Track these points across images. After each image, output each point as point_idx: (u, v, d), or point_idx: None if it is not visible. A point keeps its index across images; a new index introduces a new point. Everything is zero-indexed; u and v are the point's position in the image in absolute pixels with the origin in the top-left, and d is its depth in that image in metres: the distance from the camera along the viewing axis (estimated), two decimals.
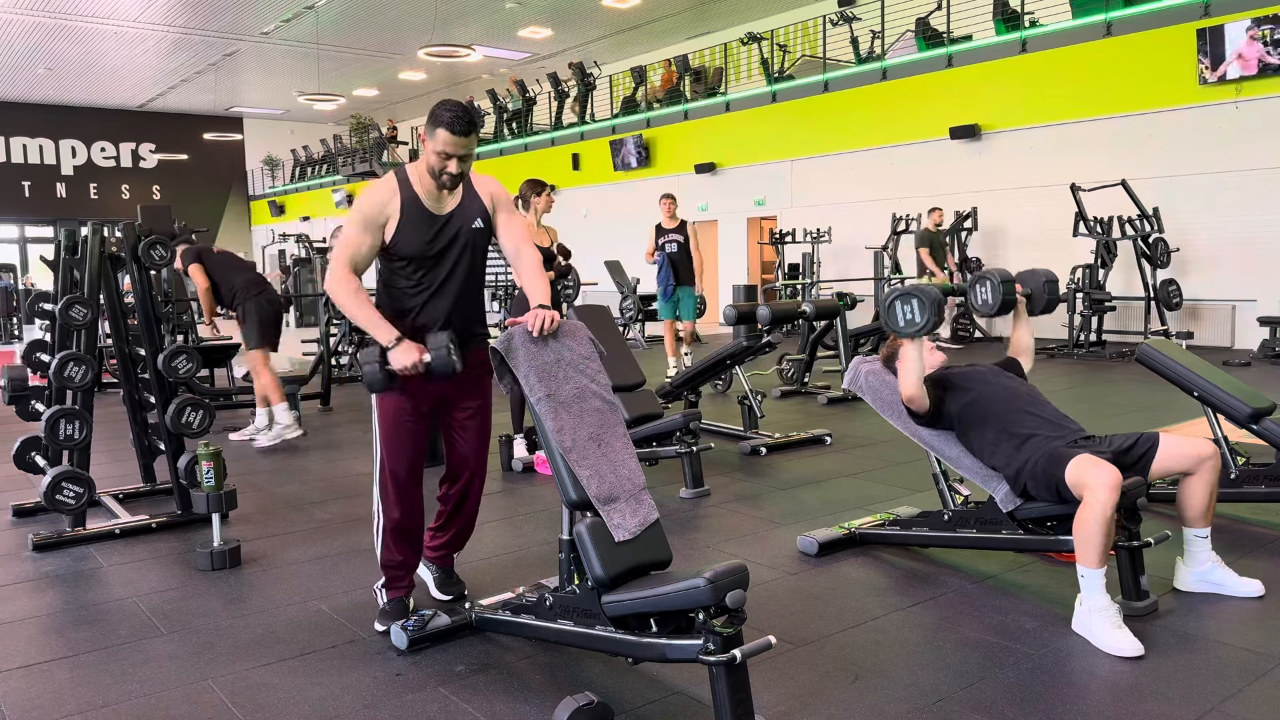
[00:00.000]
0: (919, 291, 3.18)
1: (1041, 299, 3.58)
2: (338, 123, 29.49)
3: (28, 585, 3.58)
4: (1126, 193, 10.17)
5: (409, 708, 2.50)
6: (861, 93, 14.06)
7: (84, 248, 4.54)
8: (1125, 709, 2.40)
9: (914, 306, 3.18)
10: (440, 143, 2.75)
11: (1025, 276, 3.61)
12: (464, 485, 3.11)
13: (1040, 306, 3.59)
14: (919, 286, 3.21)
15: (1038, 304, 3.59)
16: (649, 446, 4.83)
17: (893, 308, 3.23)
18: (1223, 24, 10.11)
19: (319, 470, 5.57)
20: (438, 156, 2.77)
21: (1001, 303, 3.44)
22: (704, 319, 14.72)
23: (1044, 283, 3.58)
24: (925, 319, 3.16)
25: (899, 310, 3.22)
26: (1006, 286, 3.44)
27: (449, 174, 2.80)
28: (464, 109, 2.78)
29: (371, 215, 2.83)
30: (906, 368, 3.28)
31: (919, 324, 3.18)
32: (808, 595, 3.24)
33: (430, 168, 2.81)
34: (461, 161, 2.79)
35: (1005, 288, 3.44)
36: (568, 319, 2.82)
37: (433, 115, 2.77)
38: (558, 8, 17.55)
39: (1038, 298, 3.58)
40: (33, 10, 17.48)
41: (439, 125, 2.74)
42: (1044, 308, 3.60)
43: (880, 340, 8.53)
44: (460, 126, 2.74)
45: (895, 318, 3.22)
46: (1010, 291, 3.45)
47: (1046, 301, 3.58)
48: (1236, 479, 3.79)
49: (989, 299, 3.46)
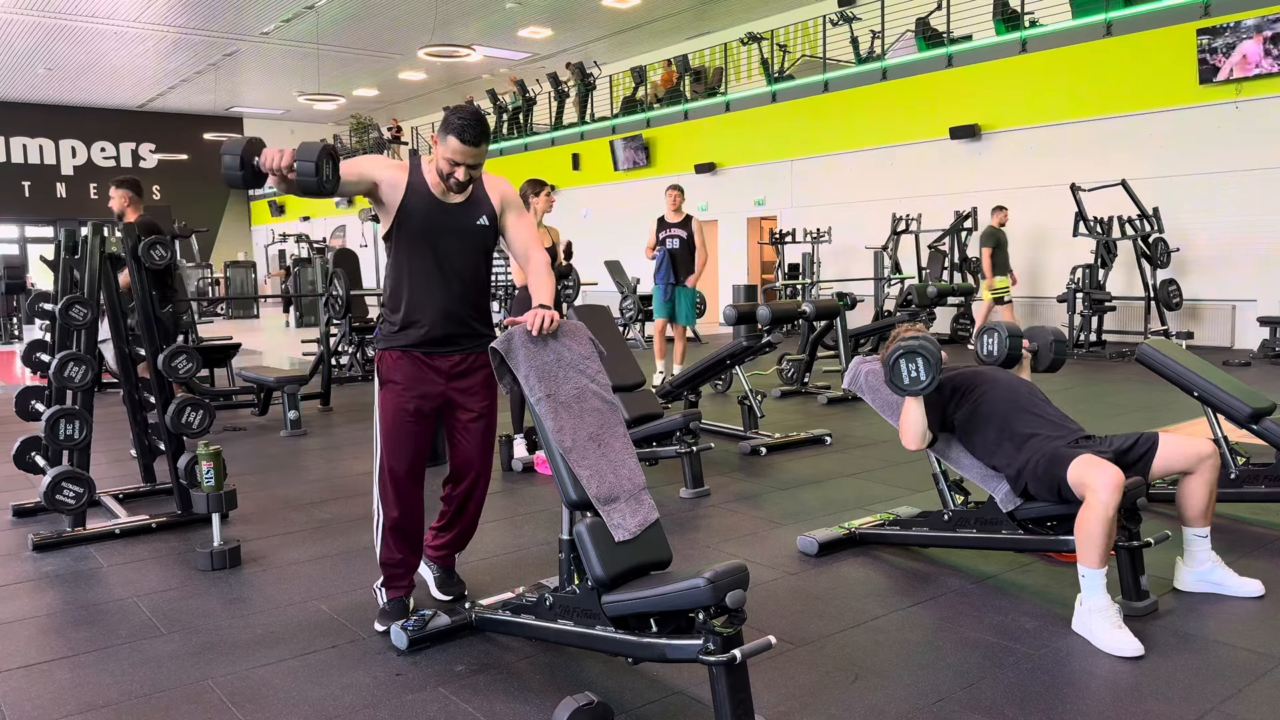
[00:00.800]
0: (923, 350, 3.14)
1: (1047, 357, 3.63)
2: (338, 123, 29.50)
3: (28, 585, 3.58)
4: (1126, 193, 10.18)
5: (409, 708, 2.50)
6: (861, 93, 14.06)
7: (84, 248, 4.54)
8: (1125, 709, 2.40)
9: (919, 365, 3.16)
10: (450, 150, 2.77)
11: (1034, 332, 3.67)
12: (468, 487, 3.10)
13: (1045, 365, 3.65)
14: (923, 344, 3.16)
15: (1043, 362, 3.64)
16: (649, 446, 4.83)
17: (897, 366, 3.19)
18: (1223, 24, 10.11)
19: (319, 470, 5.57)
20: (447, 162, 2.80)
21: (1007, 357, 3.49)
22: (704, 319, 14.76)
23: (1051, 341, 3.63)
24: (930, 377, 3.14)
25: (904, 369, 3.19)
26: (1013, 342, 3.50)
27: (456, 179, 2.82)
28: (477, 119, 2.78)
29: (381, 163, 2.88)
30: (910, 422, 3.28)
31: (924, 382, 3.16)
32: (808, 595, 3.24)
33: (440, 170, 2.84)
34: (470, 170, 2.82)
35: (1012, 343, 3.50)
36: (568, 319, 2.82)
37: (446, 121, 2.79)
38: (558, 8, 17.55)
39: (1043, 355, 3.63)
40: (33, 10, 17.48)
41: (450, 132, 2.76)
42: (1048, 366, 3.65)
43: (880, 340, 8.54)
44: (470, 136, 2.75)
45: (900, 376, 3.19)
46: (1016, 347, 3.51)
47: (1052, 361, 3.63)
48: (1236, 479, 3.79)
49: (994, 351, 3.52)
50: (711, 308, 15.73)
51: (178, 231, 4.55)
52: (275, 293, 23.27)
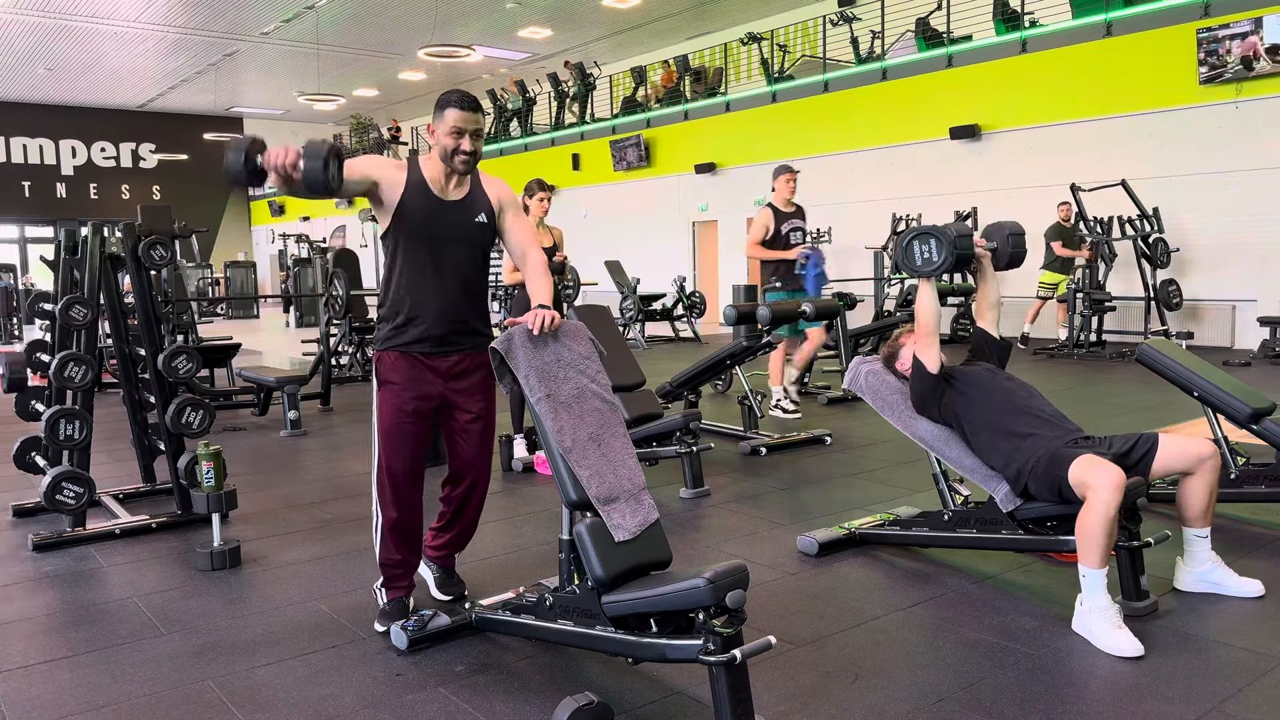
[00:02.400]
0: (936, 230, 3.19)
1: (1006, 252, 3.44)
2: (338, 123, 29.49)
3: (28, 585, 3.58)
4: (1126, 193, 10.17)
5: (409, 708, 2.50)
6: (861, 93, 14.05)
7: (84, 248, 4.54)
8: (1125, 709, 2.40)
9: (932, 245, 3.19)
10: (450, 121, 2.80)
11: (990, 230, 3.53)
12: (467, 487, 3.10)
13: (1004, 261, 3.46)
14: (935, 226, 3.22)
15: (1002, 258, 3.46)
16: (649, 446, 4.83)
17: (911, 246, 3.23)
18: (1223, 24, 10.11)
19: (319, 470, 5.57)
20: (451, 136, 2.81)
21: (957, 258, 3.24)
22: (704, 319, 14.77)
23: (1008, 235, 3.44)
24: (944, 257, 3.17)
25: (917, 249, 3.22)
26: (962, 242, 3.24)
27: (463, 152, 2.83)
28: (465, 91, 2.87)
29: (379, 163, 2.89)
30: (924, 306, 3.29)
31: (936, 262, 3.18)
32: (808, 595, 3.24)
33: (443, 151, 2.84)
34: (474, 139, 2.83)
35: (961, 243, 3.23)
36: (568, 319, 2.82)
37: (439, 102, 2.85)
38: (558, 8, 17.55)
39: (1002, 251, 3.44)
40: (33, 10, 17.48)
41: (447, 106, 2.82)
42: (1009, 262, 3.46)
43: (880, 340, 8.54)
44: (468, 103, 2.83)
45: (913, 256, 3.23)
46: (966, 246, 3.26)
47: (1011, 255, 3.43)
48: (1236, 479, 3.79)
49: (932, 257, 3.25)
50: (711, 308, 15.74)
51: (178, 231, 4.54)
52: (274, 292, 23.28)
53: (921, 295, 3.34)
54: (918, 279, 3.34)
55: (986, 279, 3.54)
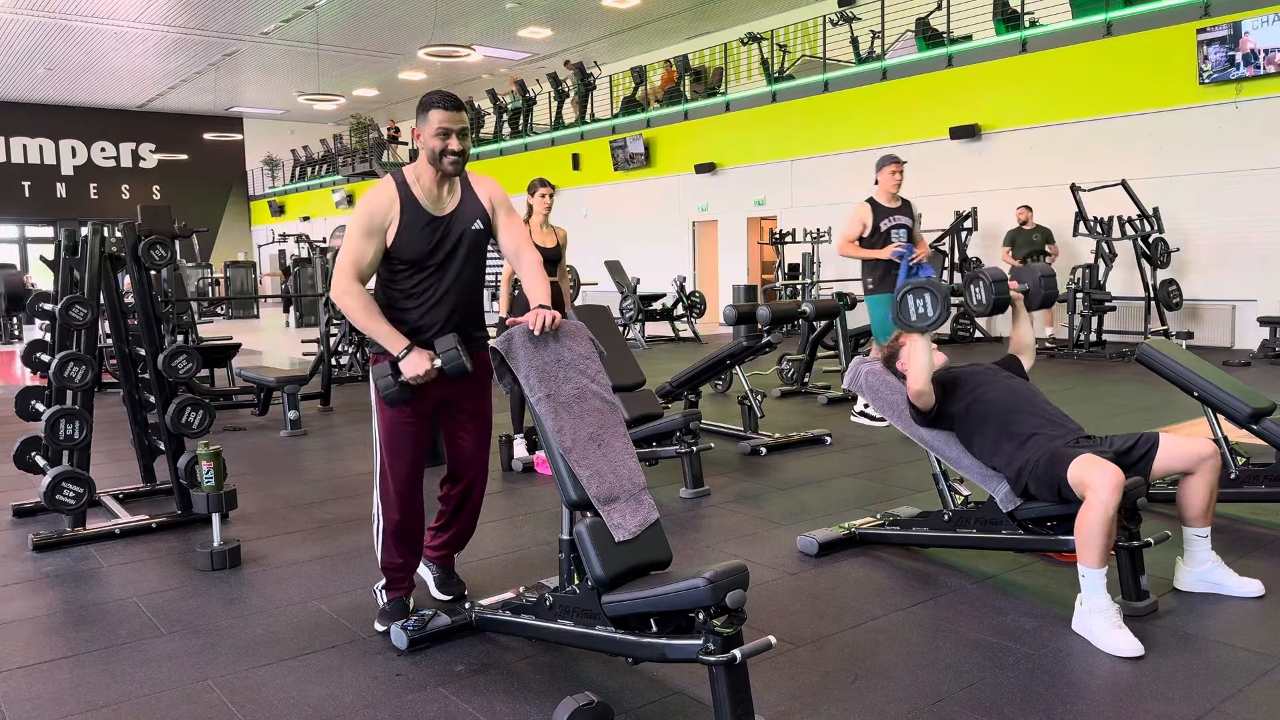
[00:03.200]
0: (931, 286, 3.18)
1: (1039, 295, 3.54)
2: (338, 123, 29.49)
3: (28, 585, 3.58)
4: (1126, 193, 10.17)
5: (409, 708, 2.50)
6: (861, 93, 14.05)
7: (84, 248, 4.54)
8: (1125, 709, 2.40)
9: (926, 300, 3.18)
10: (435, 123, 2.79)
11: (1021, 273, 3.59)
12: (465, 487, 3.11)
13: (1037, 303, 3.56)
14: (930, 280, 3.21)
15: (1034, 300, 3.55)
16: (649, 446, 4.83)
17: (905, 301, 3.22)
18: (1223, 24, 10.11)
19: (319, 470, 5.57)
20: (437, 138, 2.79)
21: (995, 302, 3.41)
22: (704, 319, 14.77)
23: (1040, 278, 3.55)
24: (937, 313, 3.16)
25: (911, 304, 3.21)
26: (999, 286, 3.42)
27: (452, 153, 2.81)
28: (448, 91, 2.86)
29: (374, 222, 2.83)
30: (917, 361, 3.27)
31: (931, 318, 3.18)
32: (808, 595, 3.24)
33: (431, 154, 2.82)
34: (461, 138, 2.81)
35: (998, 287, 3.42)
36: (568, 319, 2.82)
37: (421, 104, 2.84)
38: (558, 8, 17.55)
39: (1034, 294, 3.54)
40: (33, 10, 17.48)
41: (431, 108, 2.81)
42: (1041, 303, 3.57)
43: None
44: (451, 103, 2.81)
45: (907, 311, 3.22)
46: (1004, 291, 3.43)
47: (1044, 297, 3.54)
48: (1236, 479, 3.79)
49: (982, 299, 3.45)
50: (711, 308, 15.74)
51: (178, 231, 4.54)
52: (274, 293, 23.28)
53: (915, 351, 3.27)
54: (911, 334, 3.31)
55: (1020, 321, 3.62)
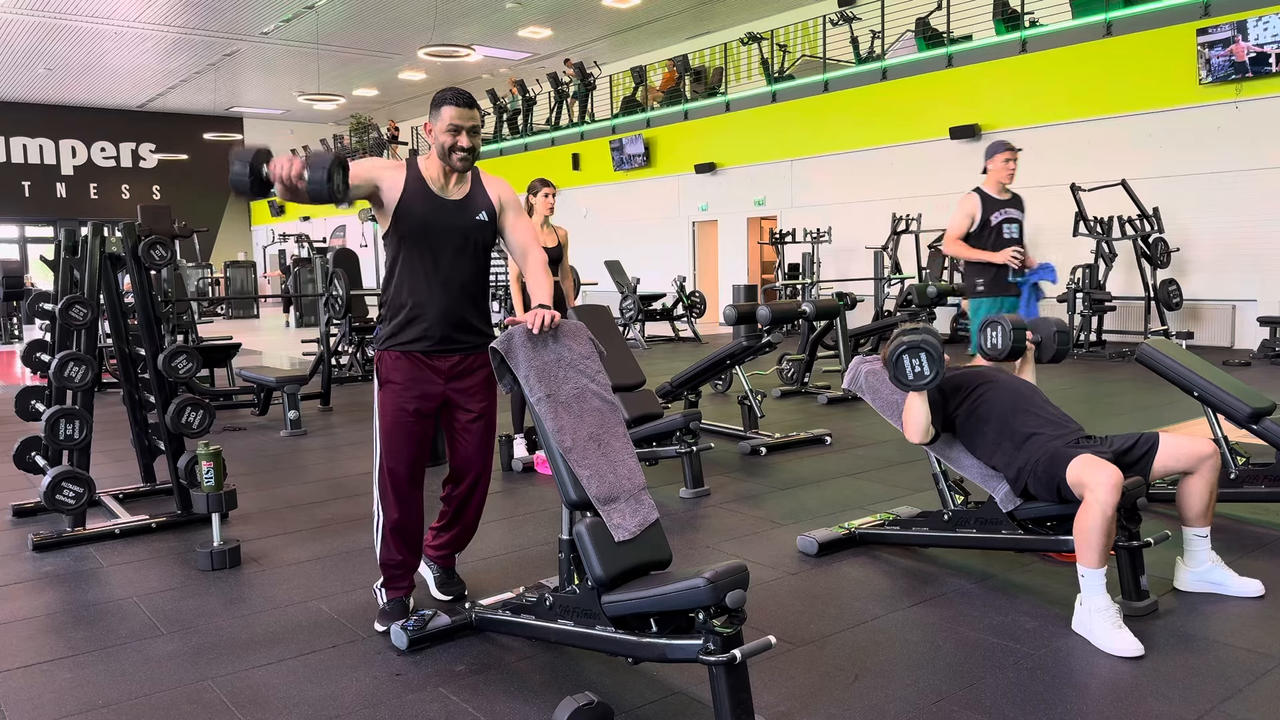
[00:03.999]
0: (926, 345, 3.14)
1: (1051, 348, 3.62)
2: (338, 123, 29.49)
3: (28, 585, 3.58)
4: (1126, 193, 10.17)
5: (409, 708, 2.50)
6: (861, 93, 14.05)
7: (84, 248, 4.54)
8: (1125, 709, 2.40)
9: (922, 360, 3.16)
10: (447, 119, 2.82)
11: (1037, 324, 3.67)
12: (468, 487, 3.10)
13: (1049, 356, 3.64)
14: (925, 339, 3.16)
15: (1046, 353, 3.64)
16: (649, 446, 4.83)
17: (900, 362, 3.19)
18: (1223, 24, 10.11)
19: (319, 470, 5.57)
20: (448, 134, 2.82)
21: (1011, 350, 3.51)
22: (704, 319, 14.76)
23: (1054, 332, 3.63)
24: (934, 372, 3.15)
25: (907, 364, 3.18)
26: (1018, 334, 3.52)
27: (461, 149, 2.83)
28: (462, 88, 2.89)
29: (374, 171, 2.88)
30: (914, 417, 3.26)
31: (928, 377, 3.16)
32: (808, 595, 3.24)
33: (441, 149, 2.84)
34: (471, 135, 2.84)
35: (1016, 335, 3.51)
36: (568, 319, 2.82)
37: (435, 100, 2.88)
38: (558, 8, 17.55)
39: (1047, 346, 3.63)
40: (33, 10, 17.48)
41: (443, 104, 2.84)
42: (1052, 357, 3.65)
43: (880, 340, 8.54)
44: (463, 100, 2.85)
45: (904, 371, 3.19)
46: (1021, 339, 3.53)
47: (1055, 352, 3.63)
48: (1236, 479, 3.79)
49: (998, 344, 3.54)
50: (711, 308, 15.74)
51: (178, 231, 4.55)
52: (274, 292, 23.27)
53: (911, 408, 3.26)
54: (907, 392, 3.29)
55: (1027, 369, 3.66)
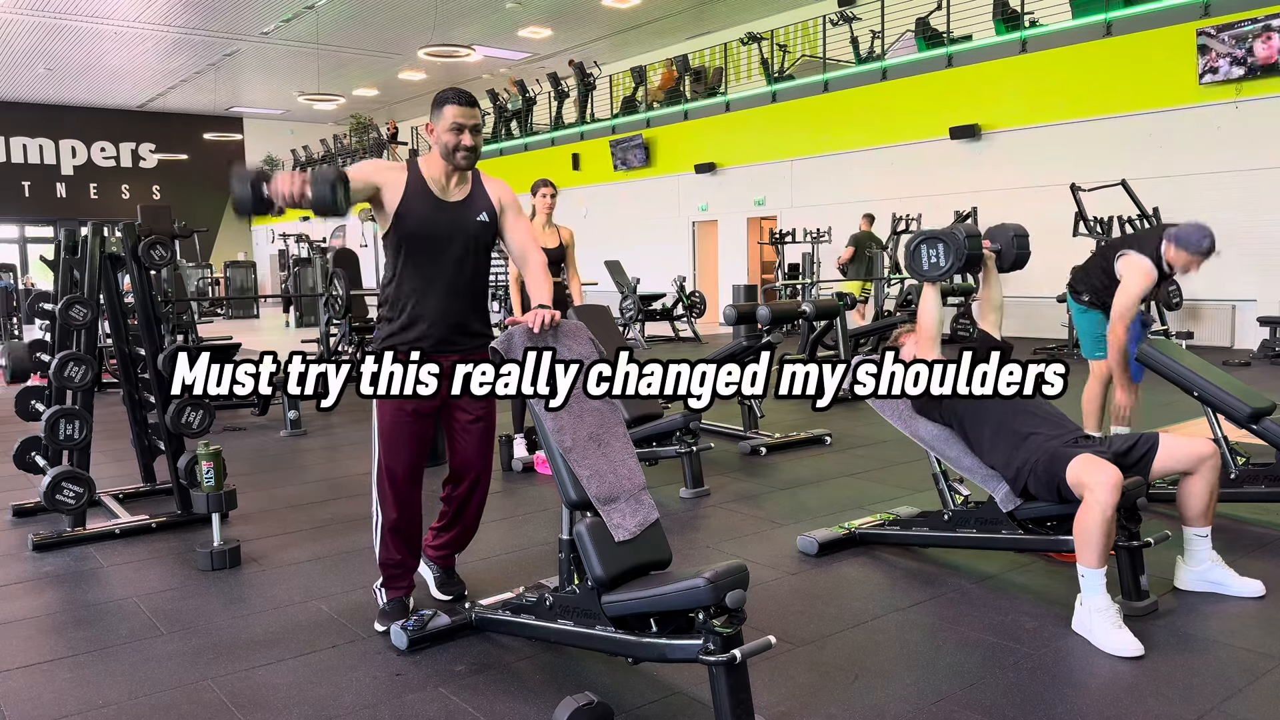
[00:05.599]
0: (944, 235, 3.19)
1: (1011, 254, 3.50)
2: (338, 123, 29.48)
3: (28, 585, 3.58)
4: (1126, 193, 10.15)
5: (409, 708, 2.50)
6: (861, 93, 14.05)
7: (84, 248, 4.54)
8: (1125, 709, 2.40)
9: (940, 250, 3.19)
10: (449, 118, 2.82)
11: (994, 232, 3.56)
12: (468, 487, 3.10)
13: (1009, 262, 3.52)
14: (941, 229, 3.22)
15: (1006, 259, 3.52)
16: (649, 446, 4.83)
17: (918, 251, 3.23)
18: (1223, 24, 10.11)
19: (319, 470, 5.57)
20: (450, 133, 2.82)
21: (967, 259, 3.27)
22: (704, 319, 14.75)
23: (1013, 236, 3.50)
24: (950, 261, 3.17)
25: (924, 253, 3.22)
26: (972, 241, 3.29)
27: (464, 148, 2.83)
28: (463, 88, 2.90)
29: (379, 169, 2.88)
30: (926, 315, 3.29)
31: (944, 266, 3.19)
32: (808, 595, 3.24)
33: (445, 148, 2.84)
34: (473, 134, 2.84)
35: (970, 242, 3.28)
36: (568, 319, 2.82)
37: (436, 99, 2.88)
38: (558, 8, 17.54)
39: (1007, 253, 3.51)
40: (33, 10, 17.47)
41: (445, 103, 2.84)
42: (1013, 263, 3.52)
43: (880, 340, 8.53)
44: (465, 99, 2.85)
45: (920, 260, 3.23)
46: (976, 246, 3.31)
47: (1016, 257, 3.49)
48: (1236, 479, 3.79)
49: (939, 262, 3.29)
50: (711, 307, 15.73)
51: (178, 231, 4.55)
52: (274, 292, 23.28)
53: (925, 299, 3.34)
54: (923, 283, 3.33)
55: (990, 281, 3.59)
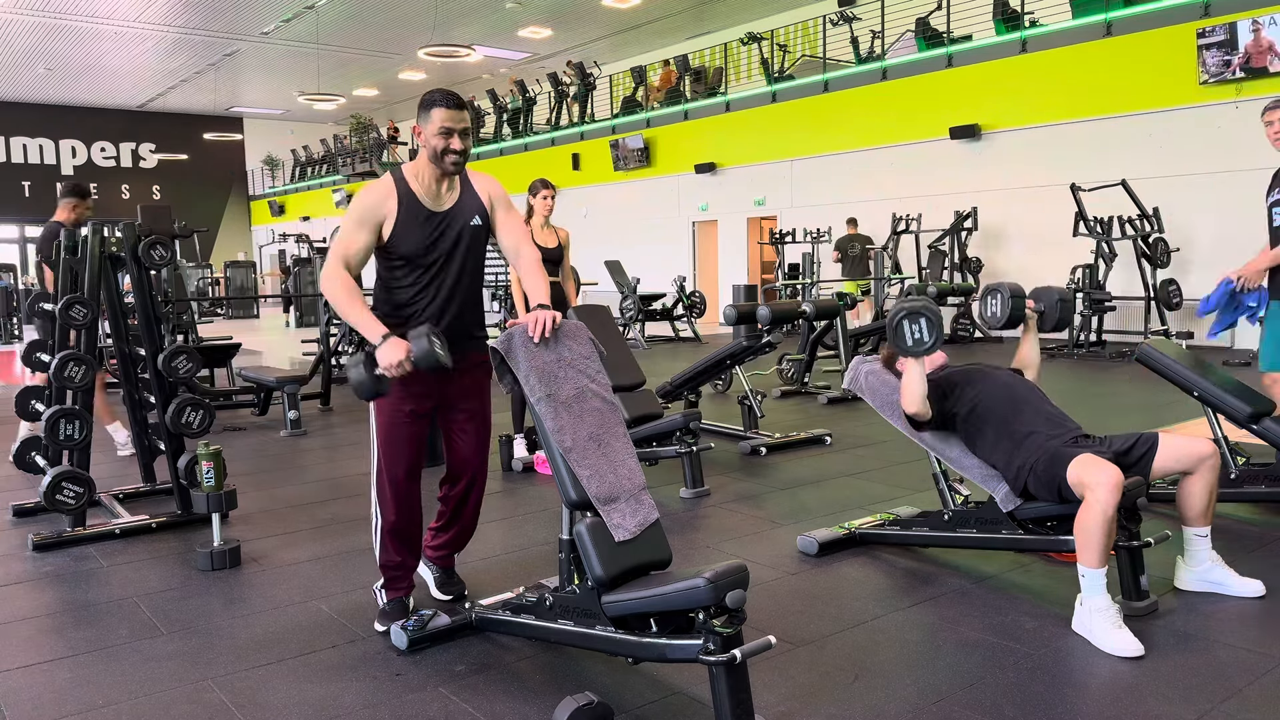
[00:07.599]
0: (926, 310, 3.16)
1: (1053, 317, 3.59)
2: (338, 123, 29.49)
3: (28, 585, 3.58)
4: (1126, 193, 10.17)
5: (409, 708, 2.50)
6: (861, 93, 14.05)
7: (84, 248, 4.54)
8: (1125, 709, 2.40)
9: (922, 326, 3.17)
10: (438, 121, 2.79)
11: (1039, 293, 3.63)
12: (465, 487, 3.10)
13: (1050, 325, 3.61)
14: (925, 306, 3.19)
15: (1049, 321, 3.60)
16: (649, 446, 4.82)
17: (900, 327, 3.20)
18: (1223, 24, 10.11)
19: (319, 470, 5.57)
20: (439, 137, 2.80)
21: (1010, 318, 3.47)
22: (704, 319, 14.76)
23: (1057, 301, 3.59)
24: (933, 338, 3.15)
25: (907, 329, 3.20)
26: (1017, 302, 3.47)
27: (453, 152, 2.81)
28: (449, 90, 2.86)
29: (368, 213, 2.83)
30: (911, 385, 3.26)
31: (927, 343, 3.17)
32: (808, 595, 3.24)
33: (433, 152, 2.82)
34: (463, 137, 2.82)
35: (1015, 303, 3.47)
36: (568, 319, 2.82)
37: (423, 102, 2.84)
38: (558, 8, 17.55)
39: (1050, 315, 3.59)
40: (33, 10, 17.48)
41: (433, 106, 2.80)
42: (1054, 326, 3.61)
43: (880, 340, 8.53)
44: (453, 102, 2.82)
45: (903, 337, 3.20)
46: (1020, 307, 3.49)
47: (1058, 320, 3.59)
48: (1236, 479, 3.80)
49: (997, 312, 3.49)
50: (711, 308, 15.73)
51: (178, 231, 4.56)
52: (274, 292, 23.28)
53: (909, 376, 3.26)
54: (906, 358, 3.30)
55: (1029, 340, 3.63)
